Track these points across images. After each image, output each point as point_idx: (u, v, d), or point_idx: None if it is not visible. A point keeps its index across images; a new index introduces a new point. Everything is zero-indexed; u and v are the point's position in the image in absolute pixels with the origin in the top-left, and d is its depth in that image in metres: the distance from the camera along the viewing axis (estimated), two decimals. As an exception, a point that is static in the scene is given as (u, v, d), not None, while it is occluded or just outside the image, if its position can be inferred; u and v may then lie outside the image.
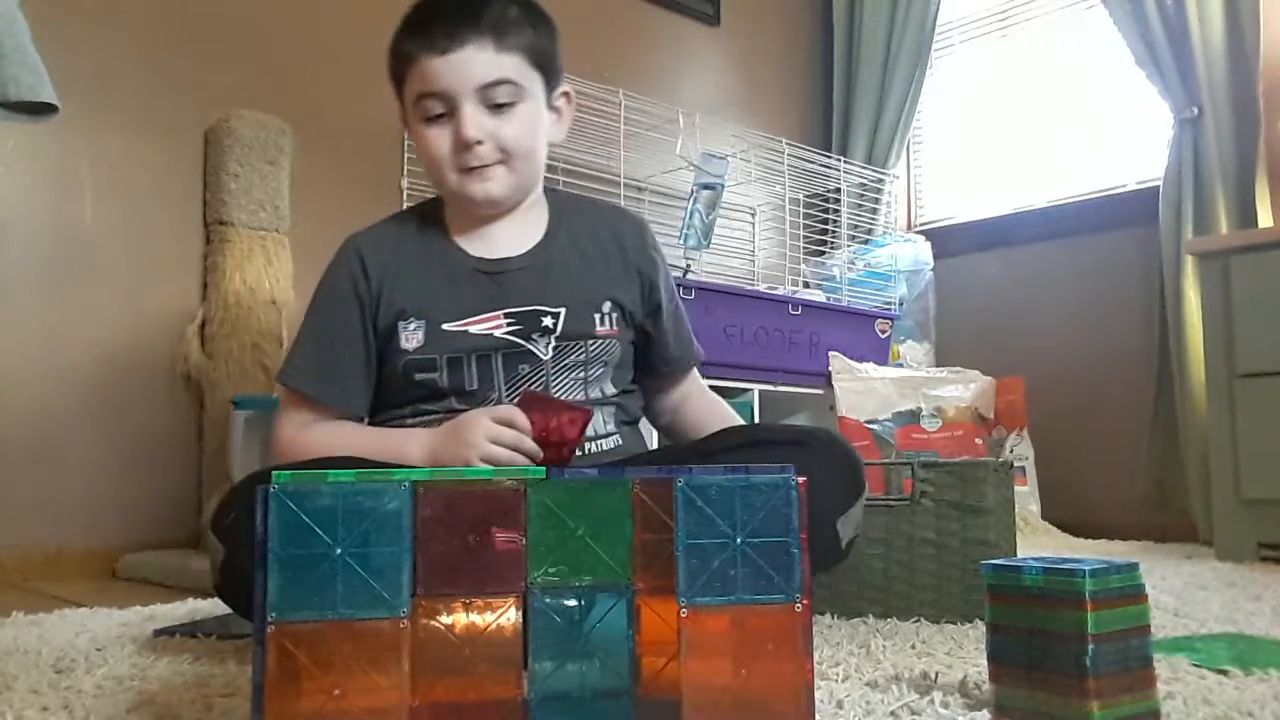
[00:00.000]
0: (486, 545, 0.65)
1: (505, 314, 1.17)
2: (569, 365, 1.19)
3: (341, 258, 1.21)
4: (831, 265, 2.93)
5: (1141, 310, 2.73)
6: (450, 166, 1.14)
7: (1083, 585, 0.73)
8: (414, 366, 1.16)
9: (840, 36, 3.42)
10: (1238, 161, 2.51)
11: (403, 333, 1.16)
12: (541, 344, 1.17)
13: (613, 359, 1.22)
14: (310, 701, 0.61)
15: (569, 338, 1.18)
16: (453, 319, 1.16)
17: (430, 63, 1.11)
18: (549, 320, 1.18)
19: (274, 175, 2.17)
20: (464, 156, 1.13)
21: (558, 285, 1.19)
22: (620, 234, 1.26)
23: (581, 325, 1.19)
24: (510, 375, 1.17)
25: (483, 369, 1.16)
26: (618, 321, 1.22)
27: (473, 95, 1.11)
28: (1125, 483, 2.69)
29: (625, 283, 1.24)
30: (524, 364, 1.17)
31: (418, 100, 1.13)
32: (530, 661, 0.65)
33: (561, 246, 1.22)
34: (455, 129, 1.12)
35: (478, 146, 1.12)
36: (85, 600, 1.53)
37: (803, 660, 0.67)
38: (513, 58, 1.13)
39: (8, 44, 1.13)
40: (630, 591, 0.66)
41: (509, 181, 1.16)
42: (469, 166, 1.13)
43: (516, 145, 1.14)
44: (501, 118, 1.13)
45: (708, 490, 0.67)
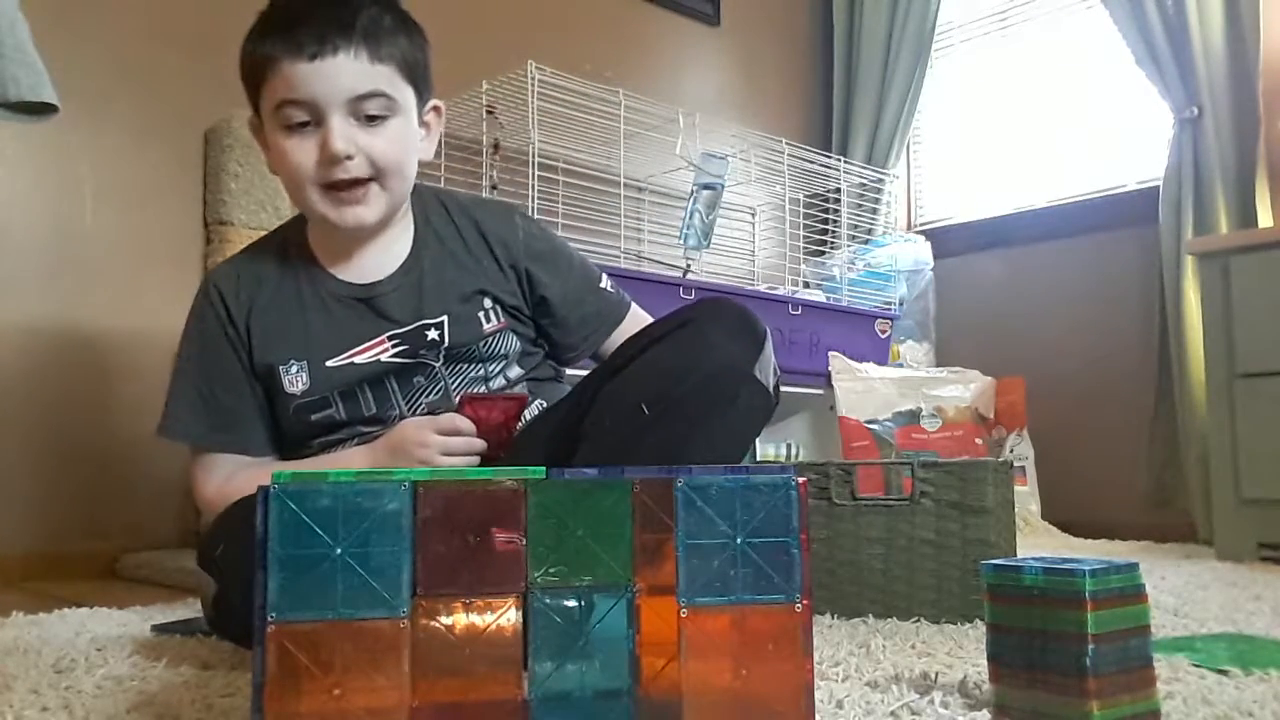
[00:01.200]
0: (486, 545, 0.65)
1: (389, 336, 1.13)
2: (464, 370, 1.15)
3: (202, 301, 1.15)
4: (831, 265, 2.93)
5: (1141, 310, 2.73)
6: (313, 182, 1.05)
7: (1083, 585, 0.73)
8: (305, 409, 1.12)
9: (840, 36, 3.42)
10: (1238, 161, 2.51)
11: (285, 376, 1.11)
12: (431, 355, 1.14)
13: (511, 350, 1.18)
14: (310, 701, 0.61)
15: (458, 344, 1.14)
16: (335, 353, 1.12)
17: (296, 68, 1.02)
18: (434, 333, 1.13)
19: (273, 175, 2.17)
20: (331, 170, 1.04)
21: (434, 295, 1.14)
22: (486, 229, 1.20)
23: (467, 328, 1.15)
24: (407, 391, 1.14)
25: (378, 393, 1.13)
26: (502, 314, 1.17)
27: (342, 106, 1.03)
28: (1125, 483, 2.69)
29: (500, 278, 1.18)
30: (418, 376, 1.13)
31: (278, 108, 1.04)
32: (530, 661, 0.65)
33: (431, 255, 1.16)
34: (322, 141, 1.03)
35: (347, 161, 1.04)
36: (85, 600, 1.53)
37: (803, 660, 0.67)
38: (386, 69, 1.05)
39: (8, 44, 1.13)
40: (630, 591, 0.66)
41: (381, 203, 1.09)
42: (335, 180, 1.05)
43: (388, 161, 1.07)
44: (372, 132, 1.05)
45: (708, 490, 0.67)
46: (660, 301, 1.66)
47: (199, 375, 1.14)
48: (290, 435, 1.15)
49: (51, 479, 1.95)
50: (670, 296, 2.25)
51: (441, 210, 1.20)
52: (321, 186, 1.06)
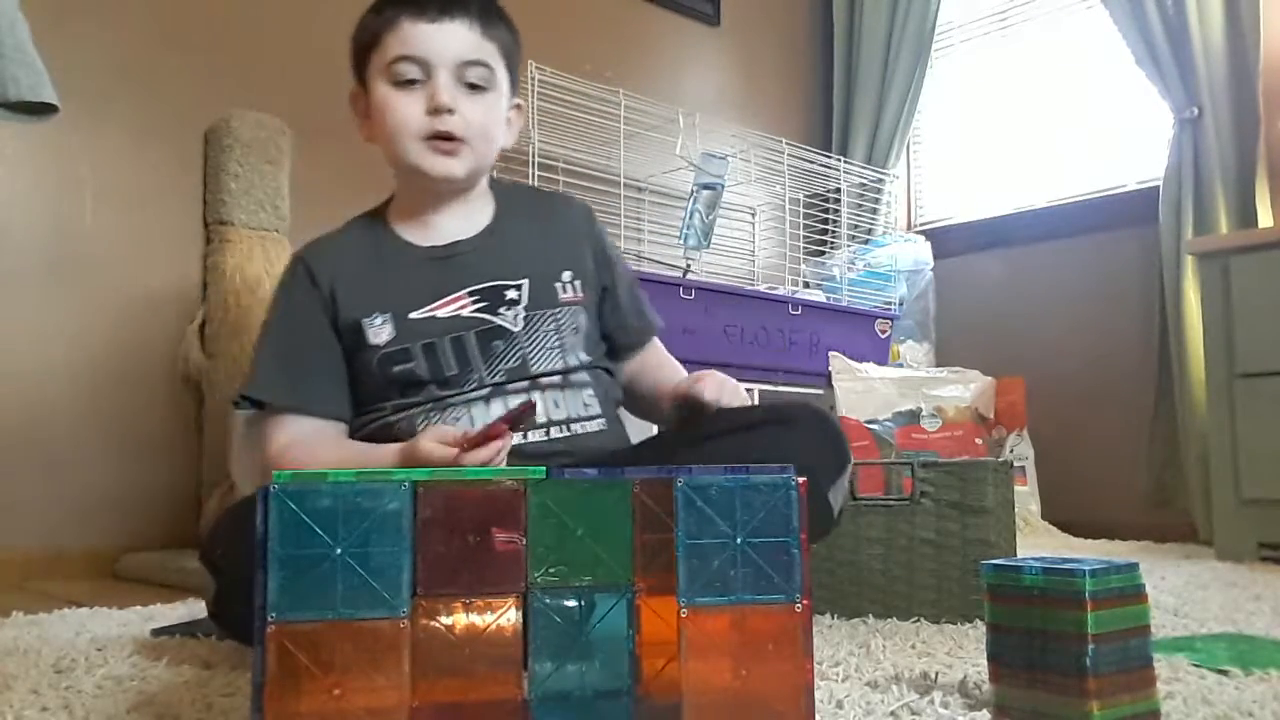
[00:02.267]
0: (486, 545, 0.65)
1: (469, 292, 1.17)
2: (541, 336, 1.18)
3: (287, 274, 1.21)
4: (831, 265, 2.93)
5: (1141, 310, 2.73)
6: (414, 134, 1.13)
7: (1083, 585, 0.73)
8: (389, 360, 1.14)
9: (840, 36, 3.42)
10: (1238, 161, 2.51)
11: (369, 329, 1.14)
12: (510, 316, 1.17)
13: (581, 326, 1.21)
14: (310, 701, 0.61)
15: (536, 307, 1.18)
16: (417, 307, 1.16)
17: (417, 26, 1.11)
18: (513, 293, 1.17)
19: (274, 175, 2.17)
20: (433, 121, 1.12)
21: (515, 258, 1.20)
22: (565, 216, 1.28)
23: (545, 294, 1.19)
24: (487, 354, 1.16)
25: (459, 351, 1.15)
26: (581, 288, 1.22)
27: (451, 68, 1.12)
28: (1125, 483, 2.69)
29: (578, 255, 1.24)
30: (498, 340, 1.16)
31: (392, 63, 1.12)
32: (530, 661, 0.65)
33: (514, 225, 1.23)
34: (429, 94, 1.11)
35: (448, 115, 1.12)
36: (85, 600, 1.53)
37: (803, 660, 0.67)
38: (491, 45, 1.15)
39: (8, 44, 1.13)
40: (630, 591, 0.66)
41: (468, 162, 1.15)
42: (435, 132, 1.12)
43: (482, 128, 1.15)
44: (472, 98, 1.13)
45: (708, 490, 0.67)
46: (661, 301, 1.66)
47: (281, 337, 1.18)
48: (371, 394, 1.17)
49: (51, 479, 1.95)
50: (670, 296, 2.25)
51: (521, 199, 1.28)
52: (421, 138, 1.13)
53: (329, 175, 2.29)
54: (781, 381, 2.48)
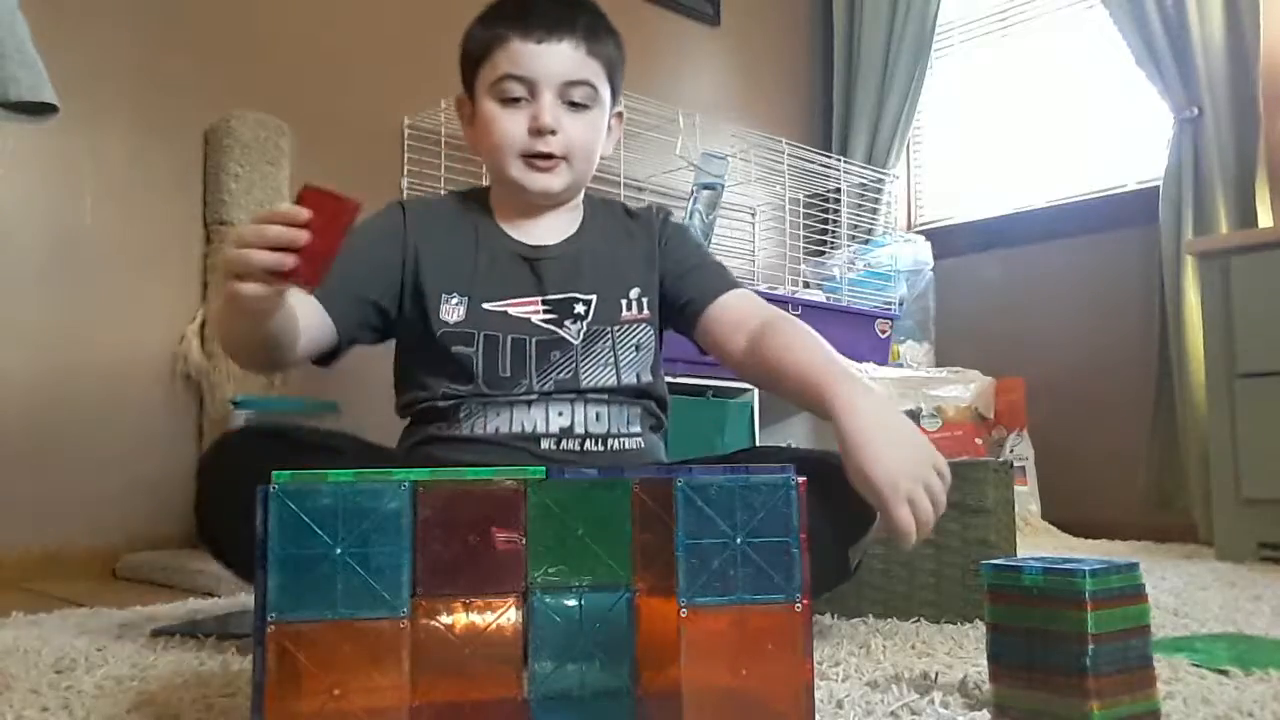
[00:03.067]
0: (486, 545, 0.65)
1: (543, 301, 1.21)
2: (598, 351, 1.21)
3: (386, 211, 1.24)
4: (831, 265, 2.93)
5: (1141, 310, 2.73)
6: (516, 151, 1.17)
7: (1083, 585, 0.73)
8: (452, 338, 1.18)
9: (840, 36, 3.41)
10: (1238, 161, 2.51)
11: (444, 304, 1.19)
12: (573, 330, 1.21)
13: (642, 344, 1.24)
14: (310, 701, 0.61)
15: (599, 322, 1.22)
16: (493, 299, 1.20)
17: (525, 47, 1.15)
18: (581, 307, 1.22)
19: (274, 175, 2.17)
20: (534, 142, 1.16)
21: (589, 273, 1.23)
22: (644, 229, 1.31)
23: (610, 310, 1.23)
24: (542, 363, 1.19)
25: (516, 355, 1.18)
26: (646, 306, 1.25)
27: (555, 88, 1.16)
28: (1125, 483, 2.69)
29: (646, 270, 1.27)
30: (556, 351, 1.19)
31: (499, 81, 1.16)
32: (530, 661, 0.65)
33: (593, 238, 1.27)
34: (533, 114, 1.16)
35: (550, 135, 1.16)
36: (85, 600, 1.53)
37: (803, 660, 0.67)
38: (595, 64, 1.19)
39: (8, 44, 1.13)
40: (630, 591, 0.66)
41: (566, 179, 1.20)
42: (536, 152, 1.17)
43: (582, 146, 1.19)
44: (575, 117, 1.18)
45: (708, 490, 0.67)
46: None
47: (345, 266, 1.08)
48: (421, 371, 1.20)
49: (51, 479, 1.95)
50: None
51: (608, 207, 1.33)
52: (522, 156, 1.18)
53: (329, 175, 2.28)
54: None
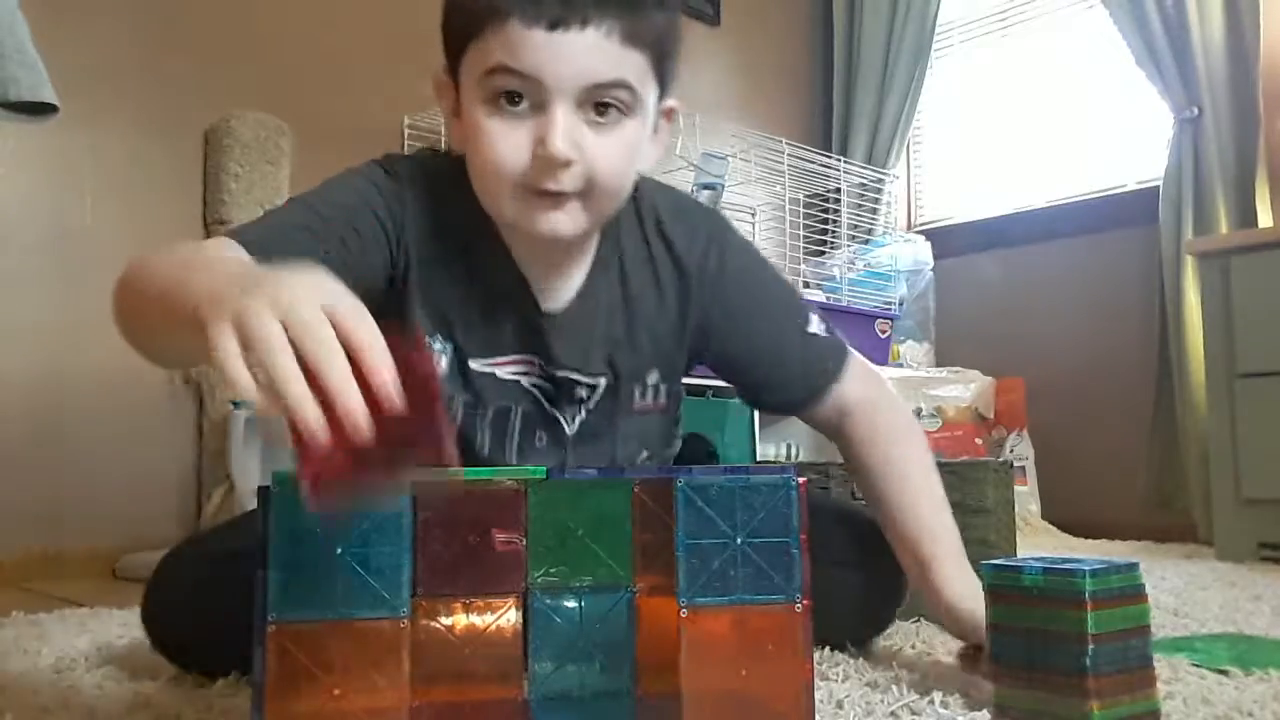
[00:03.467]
0: (486, 545, 0.65)
1: (539, 365, 0.95)
2: (594, 442, 0.98)
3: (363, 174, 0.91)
4: (831, 265, 2.93)
5: (1141, 310, 2.73)
6: (513, 180, 0.82)
7: (1083, 585, 0.73)
8: None
9: (840, 36, 3.41)
10: (1238, 161, 2.50)
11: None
12: (569, 416, 0.96)
13: (650, 434, 1.02)
14: (310, 701, 0.61)
15: (602, 415, 0.97)
16: (482, 355, 0.93)
17: (530, 35, 0.78)
18: (583, 391, 0.96)
19: (274, 175, 2.17)
20: (541, 176, 0.81)
21: (600, 347, 0.95)
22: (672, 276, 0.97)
23: (619, 400, 0.97)
24: (527, 441, 0.96)
25: (498, 431, 0.95)
26: (664, 395, 1.00)
27: (573, 95, 0.80)
28: (1125, 483, 2.69)
29: (673, 347, 0.99)
30: (543, 433, 0.96)
31: (489, 74, 0.80)
32: (530, 661, 0.65)
33: (609, 293, 0.95)
34: (538, 136, 0.80)
35: (562, 169, 0.81)
36: (85, 600, 1.53)
37: (803, 660, 0.67)
38: (637, 55, 0.82)
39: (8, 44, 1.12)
40: (630, 591, 0.66)
41: (583, 221, 0.86)
42: (542, 190, 0.82)
43: (609, 175, 0.83)
44: (601, 133, 0.82)
45: (708, 490, 0.67)
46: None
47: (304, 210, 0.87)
48: None
49: (51, 479, 1.95)
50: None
51: (637, 232, 0.96)
52: (522, 188, 0.83)
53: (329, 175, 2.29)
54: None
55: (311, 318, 0.51)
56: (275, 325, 0.51)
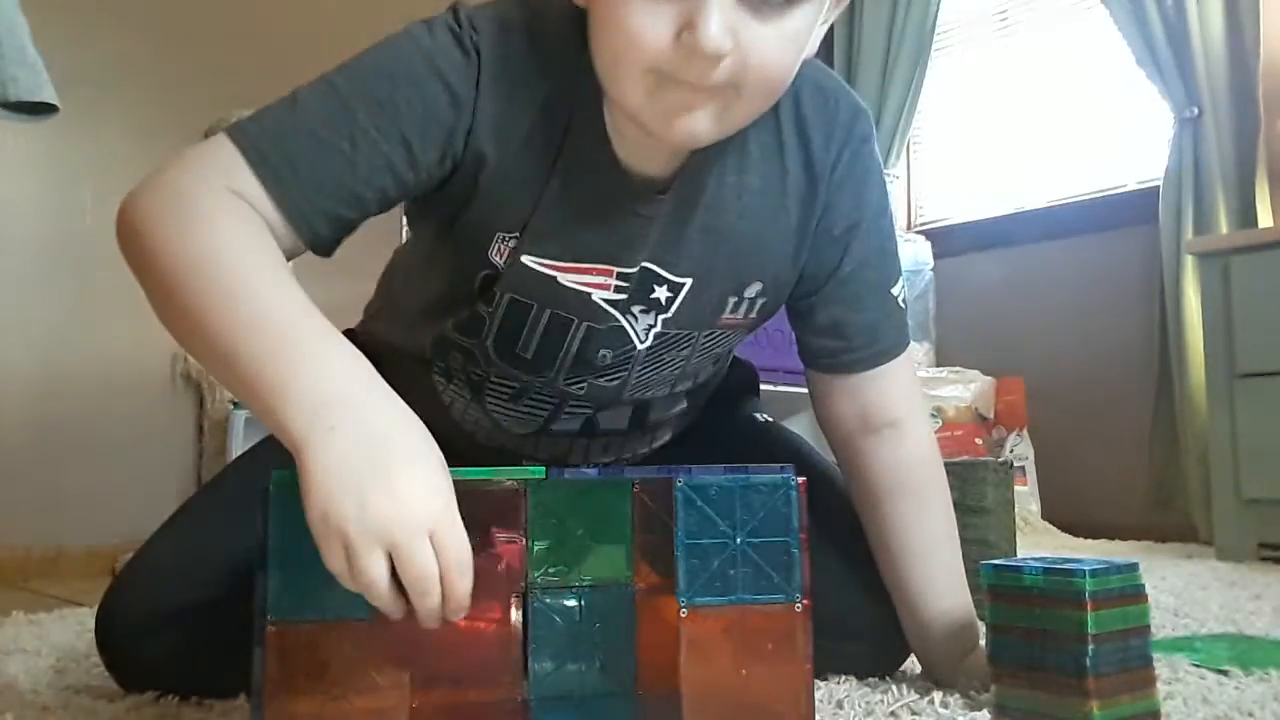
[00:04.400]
0: (486, 545, 0.65)
1: (618, 274, 0.80)
2: (664, 363, 0.86)
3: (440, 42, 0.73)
4: (831, 265, 2.93)
5: (1141, 310, 2.73)
6: (646, 70, 0.67)
7: (1083, 585, 0.73)
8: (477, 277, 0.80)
9: (840, 36, 3.41)
10: (1238, 161, 2.51)
11: (496, 243, 0.78)
12: (642, 324, 0.82)
13: (726, 348, 0.91)
14: (310, 701, 0.61)
15: (682, 326, 0.83)
16: (546, 253, 0.78)
17: None
18: (664, 292, 0.81)
19: (274, 175, 2.17)
20: (688, 66, 0.66)
21: (694, 243, 0.80)
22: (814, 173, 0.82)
23: (706, 310, 0.84)
24: (582, 361, 0.83)
25: (551, 334, 0.82)
26: (759, 309, 0.86)
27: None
28: (1125, 483, 2.69)
29: (795, 250, 0.84)
30: (607, 349, 0.83)
31: None
32: (530, 661, 0.65)
33: (720, 176, 0.80)
34: (686, 18, 0.64)
35: (711, 63, 0.65)
36: (85, 600, 1.53)
37: (803, 660, 0.67)
38: None
39: (7, 44, 1.13)
40: (630, 591, 0.66)
41: (728, 123, 0.71)
42: (684, 81, 0.67)
43: (768, 75, 0.69)
44: (766, 24, 0.66)
45: (708, 490, 0.67)
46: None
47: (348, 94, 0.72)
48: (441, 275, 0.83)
49: (51, 479, 1.95)
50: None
51: (770, 115, 0.79)
52: (658, 78, 0.67)
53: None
54: (781, 381, 2.47)
55: (417, 553, 0.56)
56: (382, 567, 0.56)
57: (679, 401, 0.94)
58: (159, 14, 2.13)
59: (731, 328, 0.87)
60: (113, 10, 2.07)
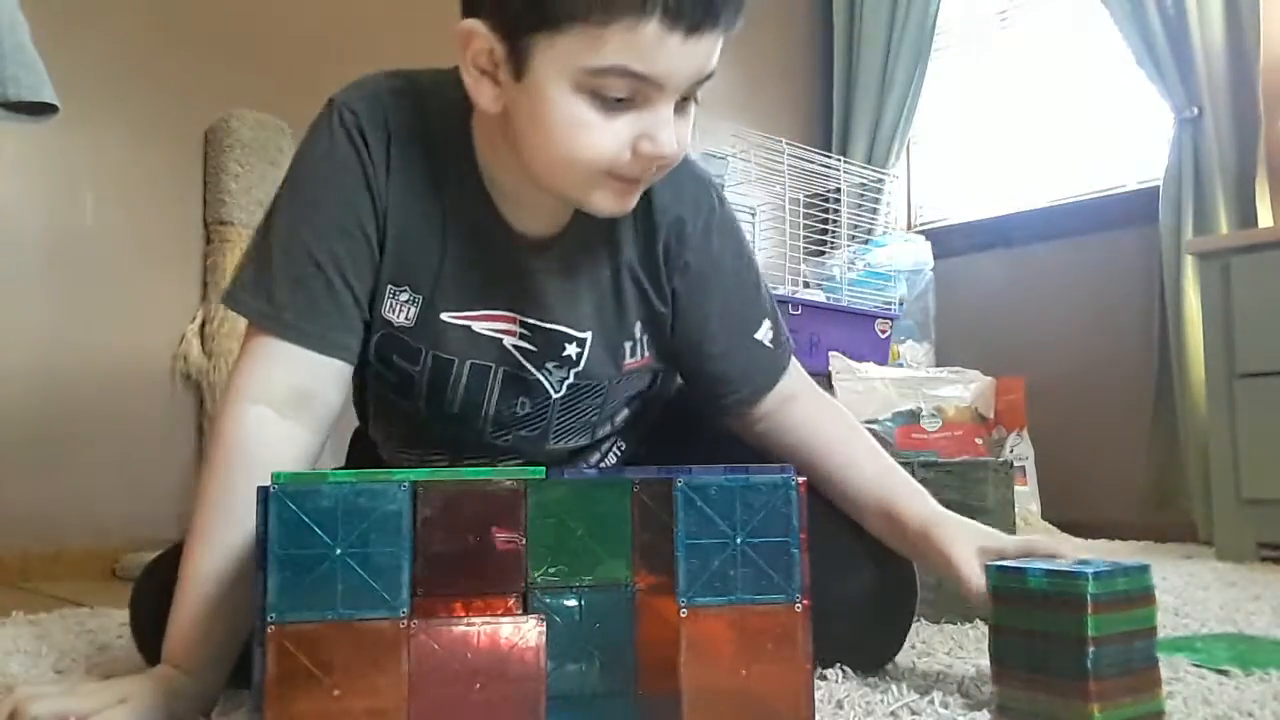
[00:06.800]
0: (486, 545, 0.65)
1: (521, 323, 0.89)
2: (580, 410, 0.94)
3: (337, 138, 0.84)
4: (831, 265, 2.93)
5: (1141, 310, 2.73)
6: (601, 169, 0.77)
7: (1085, 588, 0.73)
8: (393, 345, 0.88)
9: (840, 36, 3.41)
10: (1238, 161, 2.50)
11: (388, 299, 0.86)
12: (556, 378, 0.91)
13: (637, 389, 0.99)
14: (310, 701, 0.61)
15: (590, 375, 0.92)
16: (455, 307, 0.87)
17: (667, 39, 0.72)
18: (572, 349, 0.90)
19: (274, 175, 2.17)
20: (637, 170, 0.77)
21: (586, 298, 0.90)
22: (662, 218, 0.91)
23: (608, 359, 0.92)
24: (504, 411, 0.92)
25: (472, 389, 0.90)
26: (649, 346, 0.95)
27: (679, 92, 0.77)
28: (1125, 483, 2.69)
29: (660, 294, 0.93)
30: (524, 398, 0.91)
31: (604, 73, 0.73)
32: (530, 661, 0.64)
33: (597, 233, 0.89)
34: (642, 130, 0.75)
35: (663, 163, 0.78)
36: (85, 600, 1.53)
37: (803, 660, 0.67)
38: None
39: (8, 44, 1.12)
40: (630, 591, 0.66)
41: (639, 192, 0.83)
42: (634, 179, 0.78)
43: (678, 159, 0.81)
44: (682, 119, 0.79)
45: (707, 490, 0.67)
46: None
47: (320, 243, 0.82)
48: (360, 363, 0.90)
49: (51, 479, 1.95)
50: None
51: None
52: (608, 175, 0.78)
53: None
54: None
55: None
56: None
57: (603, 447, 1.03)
58: (159, 14, 2.13)
59: (635, 370, 0.95)
60: (112, 11, 2.07)
